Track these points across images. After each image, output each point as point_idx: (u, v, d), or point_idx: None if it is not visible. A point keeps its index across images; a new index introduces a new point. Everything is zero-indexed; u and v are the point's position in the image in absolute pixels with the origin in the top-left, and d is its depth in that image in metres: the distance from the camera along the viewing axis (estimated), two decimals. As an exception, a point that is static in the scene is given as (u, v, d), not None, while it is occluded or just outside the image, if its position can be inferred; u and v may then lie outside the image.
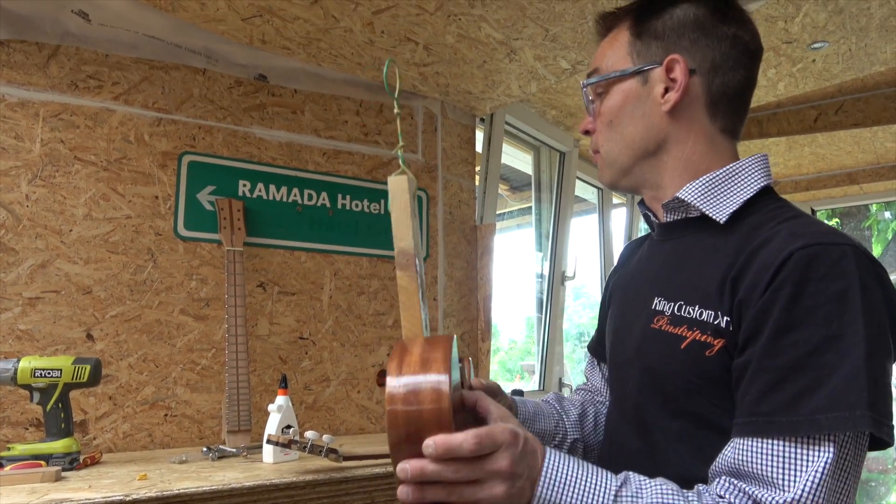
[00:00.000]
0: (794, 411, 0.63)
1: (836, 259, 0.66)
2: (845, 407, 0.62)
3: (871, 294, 0.66)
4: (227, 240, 1.78)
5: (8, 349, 1.53)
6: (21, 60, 1.63)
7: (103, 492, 1.09)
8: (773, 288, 0.67)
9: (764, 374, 0.66)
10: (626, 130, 0.86)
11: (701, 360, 0.73)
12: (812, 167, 3.55)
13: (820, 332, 0.64)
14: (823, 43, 1.99)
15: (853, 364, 0.62)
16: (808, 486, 0.62)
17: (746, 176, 0.80)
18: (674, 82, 0.82)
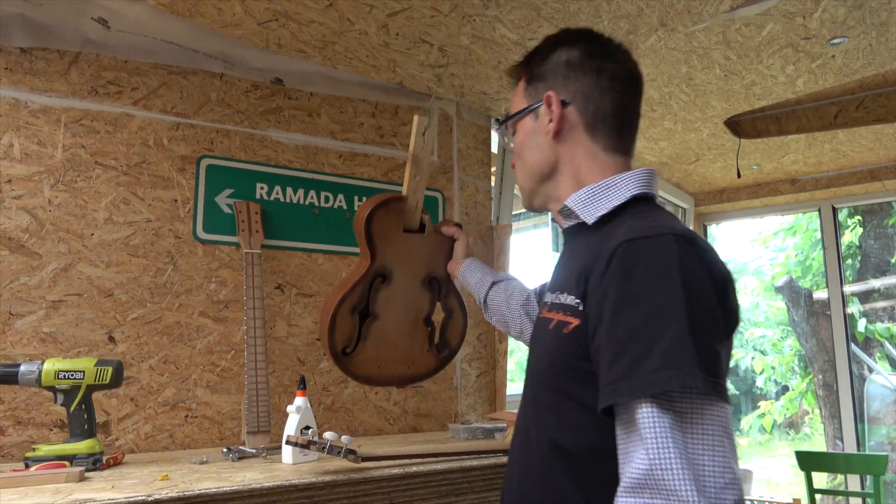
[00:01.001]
0: (632, 376, 0.72)
1: (658, 246, 0.77)
2: (674, 366, 0.70)
3: (691, 272, 0.75)
4: (246, 242, 1.79)
5: (32, 351, 1.56)
6: (43, 67, 1.65)
7: (126, 492, 1.10)
8: (608, 276, 0.79)
9: (607, 349, 0.76)
10: (528, 160, 1.02)
11: (561, 336, 0.85)
12: (833, 164, 3.49)
13: (648, 307, 0.74)
14: (843, 38, 1.96)
15: (678, 330, 0.71)
16: (654, 447, 0.70)
17: (621, 187, 0.93)
18: (552, 113, 0.97)
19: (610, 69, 0.97)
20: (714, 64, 2.13)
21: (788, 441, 7.95)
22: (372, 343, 1.51)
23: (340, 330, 1.47)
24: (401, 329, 1.55)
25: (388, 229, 1.51)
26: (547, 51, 1.01)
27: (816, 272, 6.84)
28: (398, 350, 1.55)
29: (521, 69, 1.05)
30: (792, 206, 4.02)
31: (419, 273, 1.55)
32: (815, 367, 6.34)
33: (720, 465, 0.70)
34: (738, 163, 3.30)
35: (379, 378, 1.54)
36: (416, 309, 1.56)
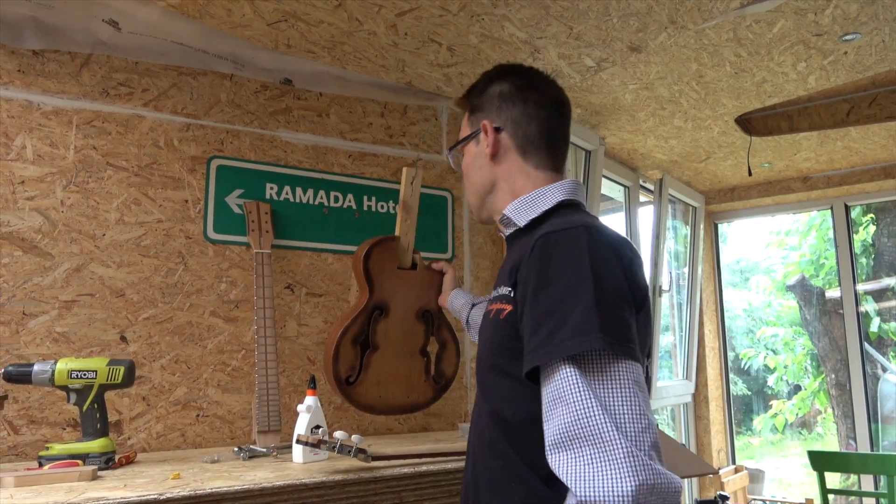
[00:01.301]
0: (549, 343, 0.84)
1: (570, 237, 0.91)
2: (583, 333, 0.82)
3: (599, 256, 0.88)
4: (256, 242, 1.80)
5: (45, 351, 1.57)
6: (55, 69, 1.67)
7: (138, 490, 1.11)
8: (529, 263, 0.92)
9: (529, 324, 0.89)
10: (473, 179, 1.17)
11: (498, 322, 0.98)
12: (845, 162, 3.46)
13: (562, 287, 0.87)
14: (855, 34, 1.94)
15: (586, 305, 0.84)
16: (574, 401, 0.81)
17: (549, 195, 1.07)
18: (487, 138, 1.13)
19: (535, 98, 1.12)
20: (724, 61, 2.11)
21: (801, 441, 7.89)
22: (373, 372, 1.67)
23: (343, 360, 1.64)
24: (399, 359, 1.71)
25: (384, 266, 1.70)
26: (483, 85, 1.17)
27: (829, 270, 6.79)
28: (397, 379, 1.71)
29: (465, 102, 1.21)
30: (804, 204, 3.99)
31: (413, 306, 1.73)
32: (828, 367, 6.29)
33: (636, 413, 0.80)
34: (750, 161, 3.28)
35: (381, 407, 1.69)
36: (412, 340, 1.74)
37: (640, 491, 0.74)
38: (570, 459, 0.79)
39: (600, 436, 0.77)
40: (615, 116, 2.72)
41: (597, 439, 0.77)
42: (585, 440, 0.78)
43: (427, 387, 1.75)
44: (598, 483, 0.76)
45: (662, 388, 3.76)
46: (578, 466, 0.78)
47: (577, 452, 0.79)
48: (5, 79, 1.61)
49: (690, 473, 2.10)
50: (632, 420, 0.79)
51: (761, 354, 7.62)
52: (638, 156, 3.28)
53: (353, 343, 1.65)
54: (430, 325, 1.75)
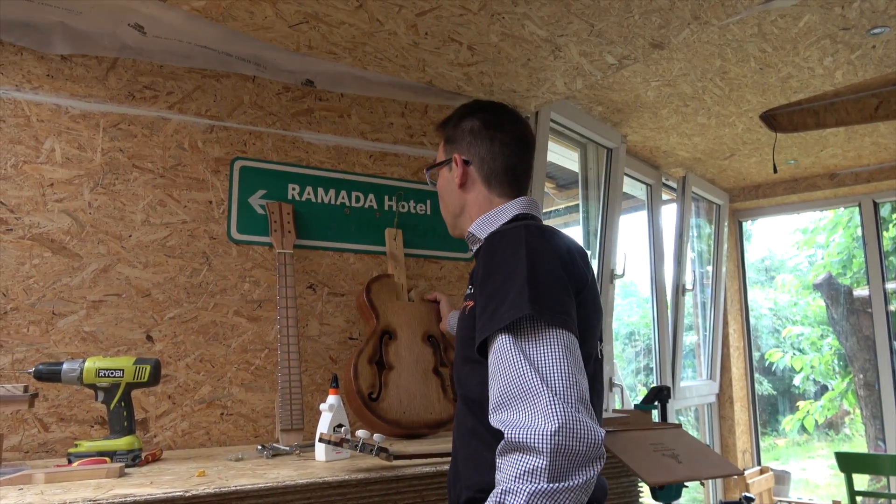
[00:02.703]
0: (491, 320, 0.98)
1: (511, 235, 1.06)
2: (515, 306, 0.95)
3: (535, 247, 1.02)
4: (278, 242, 1.82)
5: (74, 350, 1.60)
6: (82, 74, 1.70)
7: (164, 488, 1.13)
8: (479, 262, 1.08)
9: (479, 307, 1.03)
10: (446, 201, 1.33)
11: (465, 316, 1.11)
12: (873, 158, 3.40)
13: (502, 275, 1.01)
14: (884, 28, 1.90)
15: (519, 285, 0.97)
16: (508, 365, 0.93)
17: (505, 212, 1.23)
18: (459, 170, 1.28)
19: (500, 137, 1.26)
20: (749, 57, 2.08)
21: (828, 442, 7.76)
22: (392, 390, 1.80)
23: (363, 377, 1.78)
24: (413, 378, 1.85)
25: (384, 297, 1.91)
26: (457, 119, 1.31)
27: (857, 269, 6.66)
28: (416, 396, 1.83)
29: (441, 130, 1.35)
30: (830, 201, 3.92)
31: (418, 332, 1.90)
32: (856, 367, 6.18)
33: (564, 373, 0.90)
34: (775, 157, 3.23)
35: (406, 423, 1.80)
36: (423, 362, 1.88)
37: (559, 433, 0.84)
38: (505, 414, 0.91)
39: (530, 390, 0.89)
40: (637, 114, 2.70)
41: (527, 394, 0.89)
42: (518, 397, 0.90)
43: (447, 403, 1.87)
44: (524, 426, 0.86)
45: (686, 388, 3.72)
46: (511, 416, 0.89)
47: (513, 408, 0.90)
48: (35, 83, 1.65)
49: (715, 474, 2.08)
50: (560, 378, 0.90)
51: (787, 355, 7.50)
52: (660, 153, 3.25)
53: (369, 362, 1.81)
54: (437, 348, 1.91)
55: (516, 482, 0.85)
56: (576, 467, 0.85)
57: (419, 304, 1.95)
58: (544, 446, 0.84)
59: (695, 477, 1.67)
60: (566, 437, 0.85)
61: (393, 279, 1.96)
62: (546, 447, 0.84)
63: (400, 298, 1.94)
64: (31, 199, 1.61)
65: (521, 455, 0.86)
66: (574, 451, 0.85)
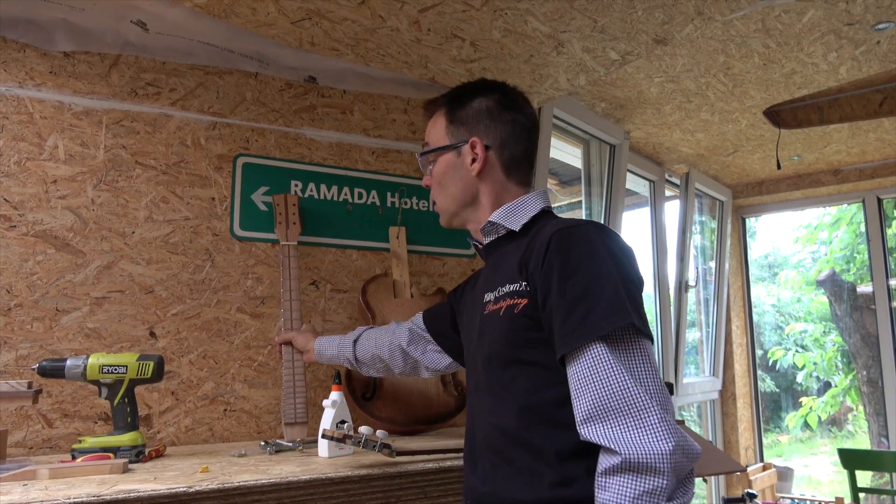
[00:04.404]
0: (584, 325, 0.92)
1: (581, 232, 1.00)
2: (615, 312, 0.91)
3: (612, 247, 0.98)
4: (283, 235, 1.81)
5: (78, 346, 1.61)
6: (85, 71, 1.70)
7: (168, 483, 1.13)
8: (548, 259, 0.99)
9: (560, 309, 0.96)
10: (449, 189, 1.22)
11: (513, 315, 1.03)
12: (877, 154, 3.38)
13: (587, 275, 0.95)
14: (889, 23, 1.89)
15: (612, 290, 0.93)
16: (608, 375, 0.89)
17: (531, 203, 1.17)
18: (477, 155, 1.19)
19: (521, 122, 1.20)
20: (753, 52, 2.08)
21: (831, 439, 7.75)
22: (388, 388, 1.81)
23: (357, 378, 1.78)
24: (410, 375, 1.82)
25: (380, 297, 1.92)
26: (467, 97, 1.22)
27: (861, 265, 6.64)
28: (413, 393, 1.83)
29: (441, 108, 1.24)
30: (834, 197, 3.91)
31: None
32: (859, 363, 6.17)
33: (658, 384, 0.90)
34: (778, 154, 3.22)
35: (402, 420, 1.80)
36: None
37: (675, 450, 0.84)
38: (608, 428, 0.87)
39: (636, 405, 0.86)
40: (640, 110, 2.69)
41: (633, 409, 0.86)
42: (622, 410, 0.87)
43: (448, 398, 1.87)
44: (642, 444, 0.84)
45: (689, 384, 3.72)
46: (619, 432, 0.86)
47: (616, 421, 0.87)
48: (38, 80, 1.65)
49: (718, 471, 2.07)
50: (658, 390, 0.89)
51: (790, 352, 7.49)
52: (663, 150, 3.24)
53: None
54: None
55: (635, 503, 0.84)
56: (684, 482, 0.87)
57: (419, 301, 1.95)
58: (665, 466, 0.83)
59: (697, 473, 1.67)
60: (681, 455, 0.85)
61: (389, 278, 1.96)
62: (667, 467, 0.83)
63: (400, 296, 1.94)
64: (34, 196, 1.61)
65: (638, 475, 0.84)
66: (684, 468, 0.86)
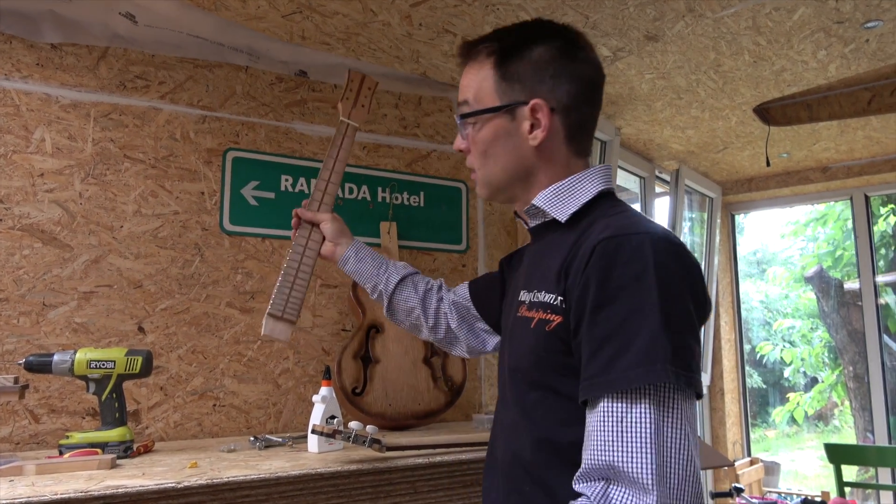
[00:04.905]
0: (609, 371, 0.76)
1: (634, 246, 0.79)
2: (648, 363, 0.74)
3: (666, 271, 0.78)
4: (346, 111, 1.47)
5: (65, 341, 1.60)
6: (73, 63, 1.68)
7: (156, 479, 1.13)
8: (587, 273, 0.80)
9: (587, 346, 0.79)
10: (499, 159, 0.98)
11: (544, 334, 0.86)
12: (866, 151, 3.41)
13: (625, 307, 0.77)
14: (878, 22, 1.91)
15: (652, 329, 0.75)
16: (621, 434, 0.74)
17: (586, 184, 0.95)
18: (538, 121, 0.94)
19: (589, 77, 0.97)
20: (743, 50, 2.08)
21: (817, 433, 7.83)
22: (378, 383, 1.80)
23: (346, 373, 1.77)
24: (401, 370, 1.84)
25: None
26: (523, 45, 0.95)
27: (848, 262, 6.70)
28: (403, 388, 1.83)
29: (488, 58, 0.97)
30: (823, 194, 3.93)
31: None
32: (846, 359, 6.22)
33: (684, 459, 0.73)
34: (768, 151, 3.24)
35: (392, 415, 1.81)
36: (412, 353, 1.88)
37: None
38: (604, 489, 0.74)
39: (639, 481, 0.72)
40: (631, 106, 2.70)
41: (635, 483, 0.72)
42: (624, 478, 0.73)
43: (438, 393, 1.88)
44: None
45: (677, 379, 3.74)
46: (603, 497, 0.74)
47: (615, 486, 0.74)
48: (24, 72, 1.63)
49: (706, 465, 2.09)
50: (679, 467, 0.73)
51: (778, 347, 7.56)
52: (654, 146, 3.25)
53: (353, 358, 1.81)
54: None
55: None
56: None
57: None
58: None
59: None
60: None
61: None
62: None
63: None
64: (20, 190, 1.59)
65: None
66: None
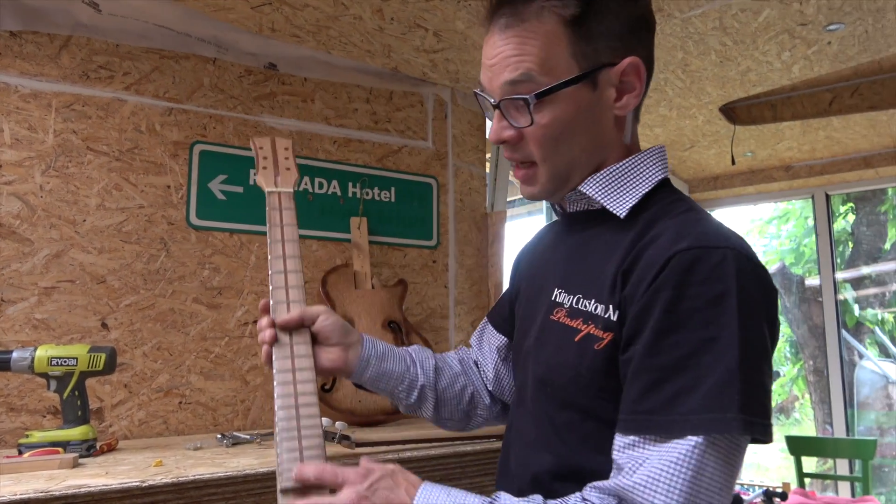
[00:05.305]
0: (671, 410, 0.66)
1: (715, 263, 0.68)
2: (717, 409, 0.64)
3: (748, 296, 0.67)
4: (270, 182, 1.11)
5: (25, 338, 1.55)
6: (33, 51, 1.63)
7: (120, 478, 1.11)
8: (655, 288, 0.69)
9: (646, 373, 0.68)
10: (576, 142, 0.79)
11: (591, 352, 0.75)
12: (827, 151, 3.50)
13: (697, 335, 0.66)
14: (839, 25, 1.95)
15: (727, 367, 0.65)
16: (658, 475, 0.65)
17: (645, 170, 0.81)
18: (629, 84, 0.78)
19: (652, 25, 0.81)
20: (710, 50, 2.12)
21: (779, 426, 8.03)
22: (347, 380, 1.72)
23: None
24: None
25: (341, 287, 1.88)
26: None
27: (809, 259, 6.87)
28: None
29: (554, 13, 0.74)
30: (786, 193, 4.03)
31: (378, 319, 1.88)
32: (806, 353, 6.39)
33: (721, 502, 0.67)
34: (733, 150, 3.30)
35: (362, 412, 1.79)
36: None
37: None
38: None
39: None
40: (601, 104, 2.72)
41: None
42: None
43: None
44: None
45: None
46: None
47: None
48: (-19, 60, 1.58)
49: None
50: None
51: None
52: (623, 144, 3.29)
53: None
54: (399, 333, 1.89)
55: None
56: None
57: (380, 291, 1.94)
58: None
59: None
60: None
61: (350, 269, 1.95)
62: None
63: (360, 287, 1.93)
64: (-22, 182, 1.55)
65: None
66: None
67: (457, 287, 2.23)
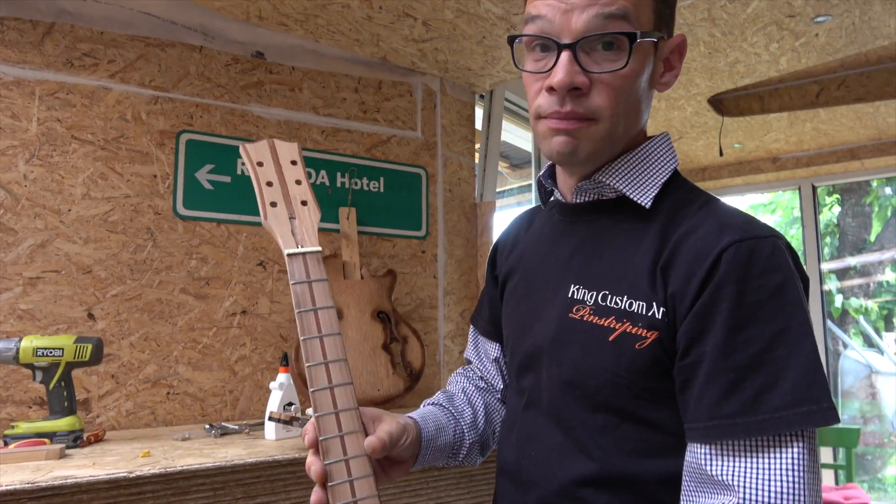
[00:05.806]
0: (757, 410, 0.62)
1: (769, 253, 0.66)
2: (810, 401, 0.62)
3: (799, 283, 0.67)
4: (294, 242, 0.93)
5: (10, 329, 1.54)
6: (15, 38, 1.61)
7: (107, 469, 1.10)
8: (715, 285, 0.66)
9: (721, 375, 0.65)
10: (633, 106, 0.74)
11: (631, 352, 0.70)
12: (813, 143, 3.52)
13: (769, 328, 0.64)
14: (827, 17, 1.96)
15: (806, 356, 0.63)
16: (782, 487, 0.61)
17: (659, 157, 0.78)
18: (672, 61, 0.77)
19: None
20: (699, 41, 2.12)
21: (764, 415, 8.12)
22: None
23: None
24: (360, 356, 1.84)
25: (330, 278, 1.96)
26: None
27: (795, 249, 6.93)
28: (362, 374, 1.83)
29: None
30: (773, 184, 4.06)
31: (367, 309, 1.89)
32: (792, 343, 6.45)
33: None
34: (721, 141, 3.32)
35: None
36: (371, 339, 1.88)
37: None
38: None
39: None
40: (590, 95, 2.72)
41: None
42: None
43: (397, 379, 1.89)
44: None
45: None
46: None
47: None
48: (-38, 47, 1.55)
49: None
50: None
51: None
52: (612, 135, 3.30)
53: None
54: (388, 323, 1.91)
55: None
56: None
57: (369, 281, 1.94)
58: None
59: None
60: None
61: (339, 259, 1.95)
62: None
63: (349, 277, 1.93)
64: (-40, 170, 1.53)
65: None
66: None
67: (446, 277, 2.23)
